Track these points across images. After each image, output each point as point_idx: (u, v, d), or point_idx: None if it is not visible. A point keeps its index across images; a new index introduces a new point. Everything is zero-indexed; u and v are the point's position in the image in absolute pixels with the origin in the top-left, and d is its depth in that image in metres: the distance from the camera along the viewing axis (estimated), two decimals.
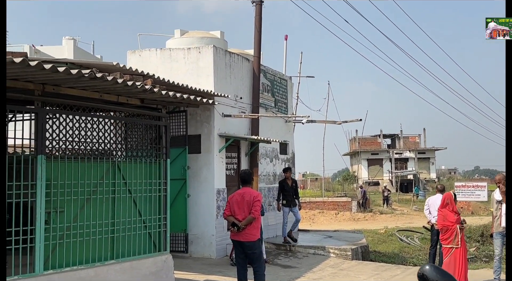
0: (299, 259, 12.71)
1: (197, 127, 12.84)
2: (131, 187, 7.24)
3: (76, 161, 6.56)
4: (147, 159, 7.55)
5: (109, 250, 6.89)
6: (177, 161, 12.42)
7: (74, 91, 6.44)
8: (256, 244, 8.14)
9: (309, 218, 30.81)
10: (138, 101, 7.34)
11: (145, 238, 7.40)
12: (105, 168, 6.96)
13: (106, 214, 6.90)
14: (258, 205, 8.09)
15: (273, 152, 15.64)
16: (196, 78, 12.92)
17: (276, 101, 15.95)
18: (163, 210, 7.68)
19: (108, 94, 6.87)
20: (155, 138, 7.75)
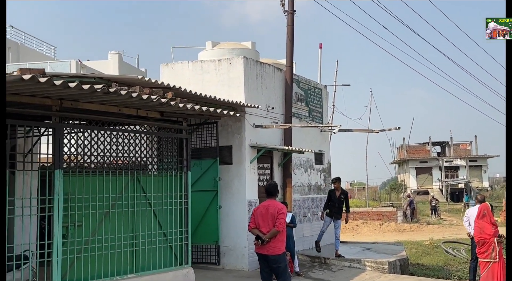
0: (333, 272, 12.47)
1: (229, 138, 12.85)
2: (151, 200, 7.27)
3: (94, 175, 6.64)
4: (168, 172, 7.57)
5: (129, 263, 6.94)
6: (208, 172, 12.46)
7: (92, 106, 6.55)
8: (281, 258, 8.02)
9: (352, 229, 30.31)
10: (158, 114, 7.38)
11: (165, 252, 7.42)
12: (125, 181, 7.03)
13: (125, 228, 6.96)
14: (283, 218, 7.98)
15: (308, 162, 15.48)
16: (227, 89, 12.96)
17: (310, 111, 15.80)
18: (184, 222, 7.67)
19: (127, 108, 6.95)
20: (176, 151, 7.77)
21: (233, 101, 11.81)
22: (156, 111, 7.33)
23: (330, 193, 13.53)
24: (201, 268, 12.39)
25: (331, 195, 13.39)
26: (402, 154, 66.10)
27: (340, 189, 13.39)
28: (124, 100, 6.41)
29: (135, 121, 7.31)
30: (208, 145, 12.64)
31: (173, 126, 7.79)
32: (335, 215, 13.31)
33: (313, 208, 15.44)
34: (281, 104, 14.32)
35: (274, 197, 8.31)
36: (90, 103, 6.52)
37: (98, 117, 6.86)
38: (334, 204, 13.25)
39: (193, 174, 12.56)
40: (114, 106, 6.82)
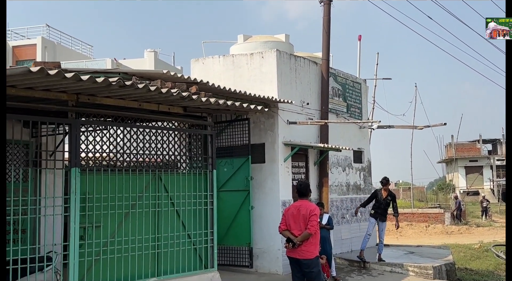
0: (373, 277, 12.03)
1: (261, 136, 12.58)
2: (174, 200, 7.08)
3: (114, 173, 6.49)
4: (192, 170, 7.36)
5: (151, 267, 6.76)
6: (240, 171, 12.22)
7: (111, 101, 6.39)
8: (314, 262, 7.70)
9: (396, 231, 29.55)
10: (181, 109, 7.17)
11: (189, 254, 7.21)
12: (146, 180, 6.85)
13: (147, 229, 6.79)
14: (315, 219, 7.66)
15: (346, 160, 15.05)
16: (260, 84, 12.70)
17: (348, 106, 15.36)
18: (210, 224, 7.44)
19: (147, 103, 6.77)
20: (201, 148, 7.55)
21: (264, 97, 11.53)
22: (178, 106, 7.12)
23: (376, 192, 13.08)
24: (233, 271, 12.17)
25: (377, 194, 12.90)
26: (450, 152, 64.32)
27: (387, 190, 12.89)
28: (143, 94, 6.22)
29: (157, 117, 7.13)
30: (240, 143, 12.40)
31: (198, 122, 7.57)
32: (381, 217, 12.83)
33: (352, 209, 15.00)
34: (316, 100, 13.95)
35: (306, 197, 8.00)
36: (108, 97, 6.36)
37: (118, 112, 6.70)
38: (380, 205, 12.74)
39: (224, 173, 12.39)
40: (134, 101, 6.65)
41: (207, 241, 7.43)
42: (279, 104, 12.39)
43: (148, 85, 5.95)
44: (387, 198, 12.76)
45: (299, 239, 7.59)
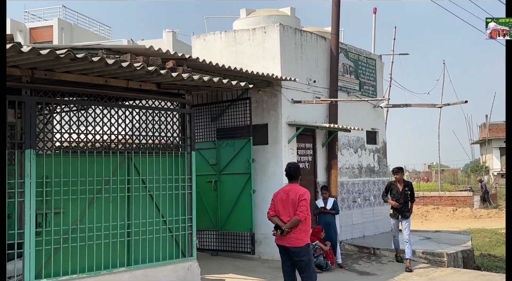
0: (382, 264, 11.46)
1: (264, 116, 12.07)
2: (147, 183, 6.63)
3: (77, 155, 6.06)
4: (167, 152, 6.89)
5: (121, 256, 6.35)
6: (241, 153, 11.75)
7: (72, 77, 5.97)
8: (304, 250, 7.19)
9: (421, 215, 28.80)
10: (154, 86, 6.69)
11: (166, 242, 6.78)
12: (115, 162, 6.41)
13: (117, 215, 6.37)
14: (304, 204, 7.13)
15: (358, 141, 14.40)
16: (262, 61, 12.15)
17: (361, 84, 14.67)
18: (188, 209, 6.99)
19: (115, 79, 6.30)
20: (179, 128, 7.07)
21: (266, 74, 10.97)
22: (151, 83, 6.63)
23: (390, 186, 11.33)
24: (234, 257, 11.80)
25: (391, 188, 11.19)
26: (484, 133, 62.50)
27: (402, 181, 11.15)
28: (103, 68, 5.76)
29: (128, 94, 6.65)
30: (242, 124, 11.91)
31: (174, 99, 7.07)
32: (402, 214, 10.99)
33: (365, 193, 14.40)
34: (325, 77, 13.32)
35: (296, 180, 7.47)
36: (68, 73, 5.91)
37: (82, 89, 6.26)
38: (397, 201, 10.98)
39: (225, 155, 11.94)
40: (99, 76, 6.19)
41: (185, 228, 6.95)
42: (282, 82, 11.83)
43: (105, 58, 5.47)
44: (405, 190, 11.04)
45: (288, 225, 7.11)
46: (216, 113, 12.36)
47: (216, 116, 12.34)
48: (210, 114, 12.46)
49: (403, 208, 11.03)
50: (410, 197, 11.09)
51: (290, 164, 7.59)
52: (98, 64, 5.51)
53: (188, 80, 6.45)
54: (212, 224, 12.13)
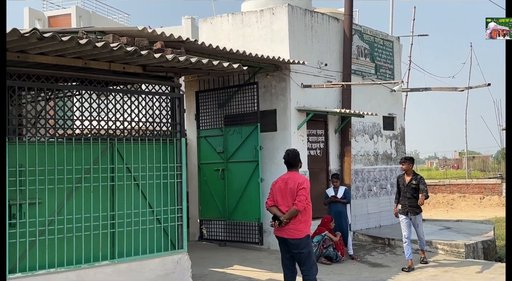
0: (396, 255, 10.97)
1: (272, 101, 11.63)
2: (133, 172, 6.29)
3: (58, 143, 5.73)
4: (154, 139, 6.52)
5: (103, 249, 6.04)
6: (249, 140, 11.37)
7: (47, 59, 5.64)
8: (303, 242, 6.79)
9: (447, 204, 28.03)
10: (140, 68, 6.31)
11: (154, 234, 6.42)
12: (98, 151, 6.06)
13: (101, 206, 6.01)
14: (303, 194, 6.71)
15: (374, 127, 13.85)
16: (270, 44, 11.70)
17: (377, 67, 14.08)
18: (178, 199, 6.62)
19: (95, 61, 5.93)
20: (168, 113, 6.68)
21: (272, 57, 10.52)
22: (135, 65, 6.24)
23: (397, 180, 10.17)
24: (242, 248, 11.45)
25: (399, 182, 10.02)
26: None
27: (411, 173, 9.93)
28: (78, 49, 5.40)
29: (109, 78, 6.27)
30: (249, 110, 11.51)
31: (162, 82, 6.68)
32: (411, 210, 9.75)
33: (381, 181, 13.87)
34: (338, 60, 12.79)
35: (295, 168, 7.05)
36: (43, 54, 5.56)
37: (61, 72, 5.91)
38: (404, 195, 9.77)
39: (232, 143, 11.57)
40: (77, 58, 5.83)
41: (175, 219, 6.58)
42: (291, 66, 11.37)
43: (76, 38, 5.10)
44: (411, 183, 9.75)
45: (286, 216, 6.71)
46: (223, 99, 11.96)
47: (223, 102, 11.94)
48: (218, 100, 12.07)
49: (410, 204, 9.69)
50: (421, 191, 9.63)
51: (289, 150, 7.17)
52: (70, 44, 5.15)
53: (174, 61, 6.06)
54: (220, 213, 11.78)
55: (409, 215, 9.79)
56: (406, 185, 9.78)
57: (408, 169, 9.90)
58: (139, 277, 6.08)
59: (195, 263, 10.29)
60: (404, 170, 9.96)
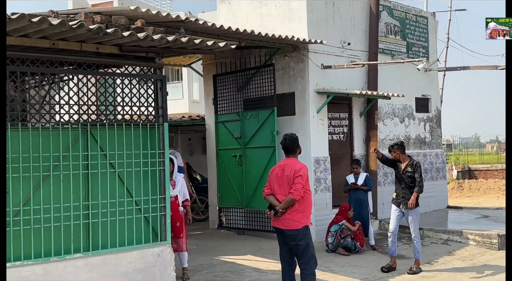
0: (422, 246, 10.14)
1: (291, 84, 11.04)
2: (108, 159, 5.89)
3: (22, 129, 5.40)
4: (133, 124, 6.10)
5: (76, 241, 5.70)
6: (266, 125, 10.85)
7: (11, 40, 5.28)
8: (301, 234, 6.29)
9: (498, 190, 26.48)
10: (116, 49, 5.88)
11: (131, 225, 6.03)
12: (71, 137, 5.69)
13: (74, 195, 5.66)
14: (300, 181, 6.20)
15: (405, 110, 13.00)
16: (288, 23, 11.09)
17: (409, 46, 13.18)
18: (161, 188, 6.19)
19: (64, 41, 5.55)
20: (149, 96, 6.24)
21: (285, 37, 9.91)
22: (110, 45, 5.81)
23: (395, 163, 8.74)
24: (260, 236, 11.00)
25: (396, 167, 8.68)
26: None
27: (407, 159, 8.53)
28: (36, 29, 5.03)
29: (77, 58, 5.85)
30: (267, 93, 10.96)
31: (141, 63, 6.23)
32: (403, 201, 8.48)
33: None
34: (363, 39, 12.04)
35: (293, 154, 6.54)
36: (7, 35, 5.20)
37: (28, 54, 5.55)
38: (399, 184, 8.58)
39: (249, 128, 11.09)
40: (43, 39, 5.46)
41: (157, 209, 6.16)
42: (310, 46, 10.75)
43: (28, 15, 4.70)
44: (407, 170, 8.46)
45: (282, 205, 6.26)
46: (241, 82, 11.46)
47: (241, 85, 11.44)
48: (235, 83, 11.59)
49: (404, 195, 8.47)
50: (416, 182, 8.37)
51: (286, 135, 6.65)
52: (23, 23, 4.76)
53: (148, 40, 5.61)
54: (238, 201, 11.35)
55: (401, 207, 8.56)
56: (401, 173, 8.54)
57: (399, 156, 8.55)
58: (114, 271, 5.72)
59: (207, 251, 9.98)
60: (395, 158, 8.61)
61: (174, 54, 6.81)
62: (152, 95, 6.29)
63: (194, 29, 8.98)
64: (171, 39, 5.73)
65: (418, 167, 8.47)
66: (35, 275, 5.23)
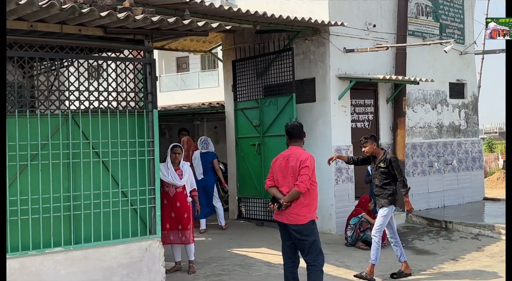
0: (450, 241, 9.56)
1: (311, 69, 10.49)
2: (92, 148, 5.55)
3: None
4: (119, 111, 5.74)
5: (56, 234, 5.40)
6: (284, 112, 10.36)
7: None
8: (307, 228, 5.86)
9: None
10: (100, 31, 5.52)
11: (116, 218, 5.70)
12: (53, 124, 5.39)
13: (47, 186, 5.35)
14: (306, 173, 5.72)
15: (438, 95, 12.21)
16: (309, 5, 10.56)
17: (442, 27, 12.36)
18: (150, 178, 5.82)
19: (44, 23, 5.22)
20: (137, 81, 5.87)
21: (301, 19, 9.37)
22: (93, 27, 5.45)
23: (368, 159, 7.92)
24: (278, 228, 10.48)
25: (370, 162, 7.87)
26: None
27: (381, 153, 7.51)
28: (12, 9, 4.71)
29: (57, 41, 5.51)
30: (287, 79, 10.44)
31: (127, 46, 5.85)
32: (378, 200, 7.57)
33: (446, 156, 12.28)
34: (391, 20, 11.33)
35: (298, 142, 6.05)
36: None
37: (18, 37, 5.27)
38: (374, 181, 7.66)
39: (268, 115, 10.65)
40: (20, 20, 5.15)
41: (145, 201, 5.80)
42: (332, 29, 10.16)
43: None
44: (379, 165, 7.43)
45: (286, 198, 5.76)
46: (260, 67, 10.98)
47: (260, 71, 10.96)
48: (254, 69, 11.11)
49: (377, 193, 7.51)
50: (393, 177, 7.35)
51: (290, 123, 6.22)
52: None
53: (130, 21, 5.23)
54: (257, 191, 10.92)
55: (376, 207, 7.78)
56: (373, 168, 7.61)
57: (371, 150, 7.48)
58: (96, 266, 5.40)
59: (221, 243, 9.61)
60: (366, 153, 7.58)
61: (167, 37, 6.38)
62: (142, 81, 5.91)
63: (204, 12, 8.58)
64: (156, 19, 5.32)
65: (393, 161, 7.37)
66: (10, 269, 4.95)
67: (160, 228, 5.87)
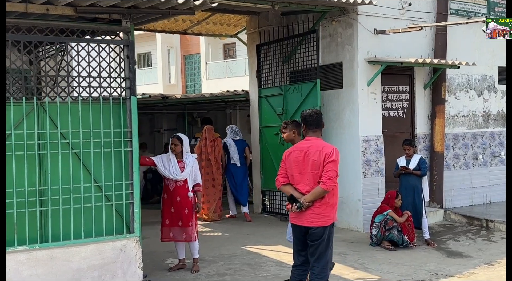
0: (489, 242, 8.63)
1: (338, 53, 9.72)
2: (61, 138, 5.10)
3: None
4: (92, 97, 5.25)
5: (20, 231, 5.00)
6: (308, 100, 9.69)
7: None
8: (328, 231, 5.14)
9: None
10: (70, 10, 5.03)
11: (89, 215, 5.22)
12: (17, 113, 4.98)
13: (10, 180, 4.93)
14: (333, 168, 4.99)
15: (485, 81, 11.11)
16: None
17: (490, 5, 11.22)
18: (128, 172, 5.31)
19: (7, 1, 4.78)
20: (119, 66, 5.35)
21: None
22: (62, 6, 4.96)
23: None
24: None
25: None
26: None
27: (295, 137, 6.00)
28: None
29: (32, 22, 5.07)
30: (311, 64, 9.73)
31: (97, 27, 5.33)
32: None
33: (492, 147, 11.18)
34: None
35: (318, 131, 5.25)
36: None
37: None
38: None
39: (292, 103, 9.99)
40: None
41: (122, 196, 5.30)
42: (360, 8, 9.37)
43: None
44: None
45: (308, 197, 4.99)
46: (284, 52, 10.30)
47: (285, 55, 10.27)
48: (279, 53, 10.44)
49: None
50: None
51: (307, 111, 5.34)
52: None
53: None
54: None
55: None
56: None
57: (290, 137, 6.05)
58: (63, 267, 4.96)
59: (237, 239, 9.06)
60: (286, 140, 6.31)
61: (151, 17, 5.81)
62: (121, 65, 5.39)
63: None
64: None
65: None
66: None
67: (139, 227, 5.37)
